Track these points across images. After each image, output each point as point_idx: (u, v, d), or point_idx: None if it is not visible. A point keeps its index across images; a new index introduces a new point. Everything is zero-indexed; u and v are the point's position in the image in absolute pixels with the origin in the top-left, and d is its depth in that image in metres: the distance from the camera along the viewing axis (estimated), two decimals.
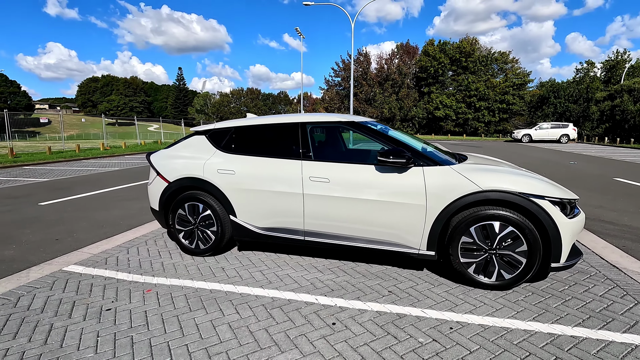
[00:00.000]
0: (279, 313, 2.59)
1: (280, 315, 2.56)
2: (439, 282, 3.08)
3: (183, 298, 2.82)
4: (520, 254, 2.78)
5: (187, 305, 2.72)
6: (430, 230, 2.95)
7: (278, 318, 2.52)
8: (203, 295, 2.86)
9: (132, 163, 14.00)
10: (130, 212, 5.89)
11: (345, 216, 3.17)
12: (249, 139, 3.64)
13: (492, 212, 2.78)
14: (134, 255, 3.77)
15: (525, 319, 2.49)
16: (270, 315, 2.56)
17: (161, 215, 3.83)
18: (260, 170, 3.41)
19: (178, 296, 2.86)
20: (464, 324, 2.43)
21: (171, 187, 3.70)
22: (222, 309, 2.65)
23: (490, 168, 3.04)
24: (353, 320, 2.48)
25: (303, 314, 2.57)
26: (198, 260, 3.63)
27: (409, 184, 2.97)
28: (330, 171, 3.21)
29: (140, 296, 2.87)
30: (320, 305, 2.69)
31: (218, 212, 3.54)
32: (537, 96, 42.53)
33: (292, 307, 2.67)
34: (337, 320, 2.48)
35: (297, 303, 2.73)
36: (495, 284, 2.87)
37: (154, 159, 3.92)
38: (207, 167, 3.57)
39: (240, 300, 2.77)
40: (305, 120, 3.47)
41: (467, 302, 2.73)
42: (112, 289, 3.01)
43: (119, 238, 4.35)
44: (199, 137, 3.81)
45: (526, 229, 2.72)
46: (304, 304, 2.71)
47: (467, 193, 2.81)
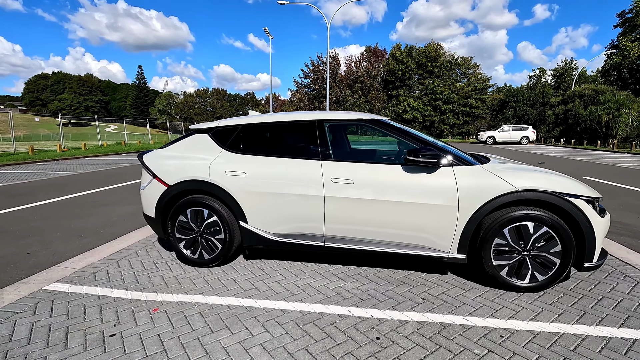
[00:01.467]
0: (314, 329, 2.33)
1: (317, 331, 2.31)
2: (469, 286, 2.96)
3: (199, 317, 2.49)
4: (554, 255, 2.72)
5: (206, 325, 2.39)
6: (462, 232, 2.82)
7: (315, 335, 2.27)
8: (222, 313, 2.55)
9: (97, 165, 12.97)
10: (110, 218, 5.33)
11: (370, 220, 2.98)
12: (260, 138, 3.35)
13: (526, 213, 2.70)
14: (127, 269, 3.34)
15: (570, 321, 2.42)
16: (305, 332, 2.31)
17: (158, 223, 3.43)
18: (275, 172, 3.14)
19: (192, 315, 2.52)
20: (512, 330, 2.31)
21: (171, 192, 3.32)
22: (249, 328, 2.35)
23: (522, 167, 2.98)
24: (397, 333, 2.28)
25: (341, 329, 2.34)
26: (203, 271, 3.28)
27: (440, 185, 2.83)
28: (353, 172, 3.00)
29: (146, 317, 2.50)
30: (355, 318, 2.47)
31: (226, 218, 3.22)
32: (498, 100, 44.88)
33: (326, 322, 2.42)
34: (380, 335, 2.28)
35: (330, 316, 2.49)
36: (529, 286, 2.80)
37: (148, 160, 3.51)
38: (213, 168, 3.24)
39: (265, 317, 2.49)
40: (323, 117, 3.24)
41: (505, 306, 2.63)
42: (111, 309, 2.61)
43: (104, 249, 3.87)
44: (200, 136, 3.46)
45: (560, 228, 2.66)
46: (337, 317, 2.48)
47: (501, 193, 2.71)
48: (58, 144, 18.13)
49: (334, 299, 2.75)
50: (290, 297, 2.79)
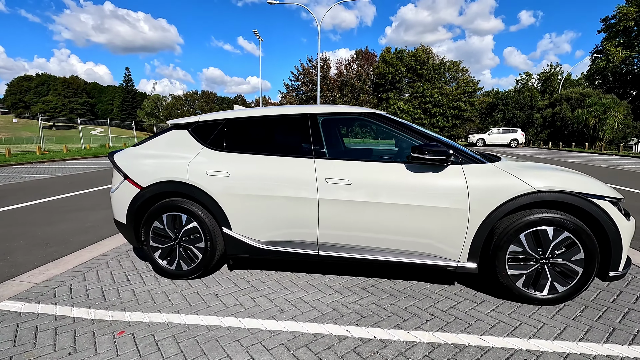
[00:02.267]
0: (308, 355, 1.98)
1: (311, 358, 1.96)
2: (480, 298, 2.65)
3: (172, 341, 2.12)
4: (576, 263, 2.43)
5: (179, 352, 2.02)
6: (473, 238, 2.51)
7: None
8: (199, 336, 2.17)
9: (78, 168, 12.37)
10: (82, 225, 4.88)
11: (370, 225, 2.65)
12: (245, 134, 2.99)
13: (545, 216, 2.40)
14: (94, 282, 2.94)
15: (600, 340, 2.12)
16: (298, 359, 1.95)
17: (130, 230, 3.04)
18: (263, 171, 2.78)
19: (164, 339, 2.14)
20: (537, 352, 2.00)
21: (144, 194, 2.94)
22: (230, 355, 1.98)
23: (540, 166, 2.69)
24: (406, 359, 1.95)
25: (339, 354, 1.99)
26: (181, 285, 2.90)
27: (448, 185, 2.52)
28: (351, 171, 2.67)
29: (109, 342, 2.11)
30: (356, 340, 2.13)
31: (207, 224, 2.85)
32: (487, 103, 45.26)
33: (322, 345, 2.07)
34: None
35: (326, 338, 2.14)
36: (547, 299, 2.50)
37: (119, 159, 3.12)
38: (192, 168, 2.87)
39: (251, 340, 2.13)
40: (316, 111, 2.90)
41: (524, 322, 2.32)
42: (67, 333, 2.21)
43: (70, 259, 3.45)
44: (179, 132, 3.08)
45: (583, 234, 2.37)
46: (335, 339, 2.13)
47: (518, 194, 2.41)
48: (38, 146, 17.38)
49: (330, 316, 2.40)
50: (279, 314, 2.43)
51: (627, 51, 36.02)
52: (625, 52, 35.89)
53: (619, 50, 36.02)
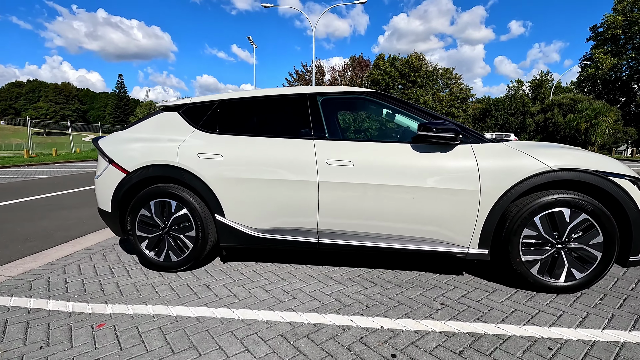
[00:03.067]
0: (309, 346, 1.78)
1: (313, 349, 1.76)
2: (491, 287, 2.48)
3: (157, 333, 1.90)
4: (594, 247, 2.27)
5: (165, 344, 1.80)
6: (485, 222, 2.35)
7: (312, 354, 1.71)
8: (188, 327, 1.96)
9: (66, 171, 12.05)
10: (66, 222, 4.63)
11: (374, 210, 2.47)
12: (240, 115, 2.81)
13: (561, 197, 2.24)
14: (74, 275, 2.71)
15: (626, 328, 1.95)
16: (298, 350, 1.75)
17: (114, 219, 2.82)
18: (258, 153, 2.60)
19: (149, 331, 1.93)
20: (559, 341, 1.82)
21: (131, 179, 2.73)
22: (223, 347, 1.78)
23: (552, 145, 2.54)
24: (418, 348, 1.76)
25: (344, 345, 1.79)
26: (170, 277, 2.68)
27: (457, 166, 2.36)
28: (353, 152, 2.50)
29: (87, 335, 1.89)
30: (362, 330, 1.93)
31: (198, 211, 2.65)
32: (479, 109, 45.67)
33: (324, 336, 1.87)
34: (396, 351, 1.74)
35: (329, 328, 1.95)
36: (564, 286, 2.33)
37: (104, 143, 2.92)
38: (182, 150, 2.68)
39: (246, 331, 1.92)
40: (316, 90, 2.74)
41: (542, 310, 2.14)
42: (41, 326, 1.98)
43: (50, 253, 3.21)
44: (169, 114, 2.90)
45: (602, 215, 2.22)
46: (338, 329, 1.94)
47: (532, 174, 2.26)
48: (25, 149, 16.97)
49: (332, 307, 2.20)
50: (277, 305, 2.23)
51: (615, 59, 36.71)
52: (613, 59, 36.56)
53: (607, 57, 36.69)
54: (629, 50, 36.73)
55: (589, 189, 2.29)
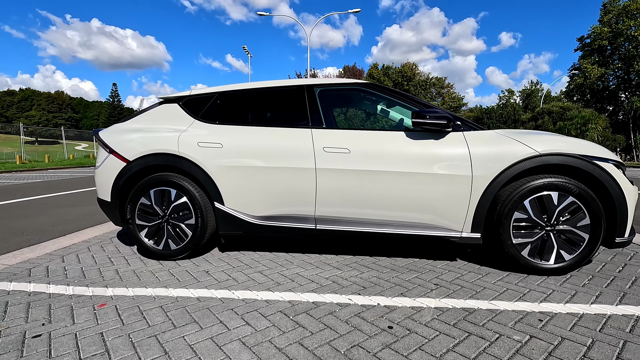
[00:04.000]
0: (308, 320, 1.83)
1: (312, 322, 1.81)
2: (485, 271, 2.55)
3: (159, 311, 1.93)
4: (582, 229, 2.37)
5: (167, 320, 1.84)
6: (477, 206, 2.43)
7: (311, 327, 1.76)
8: (189, 306, 2.00)
9: (60, 176, 11.98)
10: (63, 218, 4.63)
11: (370, 195, 2.54)
12: (240, 106, 2.89)
13: (549, 181, 2.34)
14: (73, 264, 2.72)
15: (613, 302, 2.03)
16: (297, 323, 1.80)
17: (114, 208, 2.86)
18: (257, 142, 2.67)
19: (150, 309, 1.96)
20: (549, 314, 1.89)
21: (131, 168, 2.78)
22: (224, 321, 1.82)
23: (540, 132, 2.65)
24: (413, 322, 1.82)
25: (343, 319, 1.84)
26: (169, 264, 2.71)
27: (450, 152, 2.46)
28: (349, 140, 2.58)
29: (89, 313, 1.92)
30: (359, 307, 1.98)
31: (197, 199, 2.70)
32: (472, 117, 46.38)
33: (323, 312, 1.92)
34: (392, 323, 1.80)
35: (328, 306, 2.00)
36: (554, 268, 2.41)
37: (104, 134, 2.97)
38: (183, 140, 2.74)
39: (246, 308, 1.96)
40: (313, 82, 2.83)
41: (533, 289, 2.22)
42: (42, 307, 2.00)
43: (48, 245, 3.22)
44: (169, 106, 2.96)
45: (589, 198, 2.32)
46: (337, 307, 1.99)
47: (521, 158, 2.36)
48: (18, 155, 16.84)
49: (329, 288, 2.25)
50: (276, 287, 2.27)
51: (603, 68, 37.65)
52: (600, 69, 37.50)
53: (594, 67, 37.63)
54: (615, 61, 37.73)
55: (576, 172, 2.39)
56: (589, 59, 38.90)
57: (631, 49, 35.22)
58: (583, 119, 26.19)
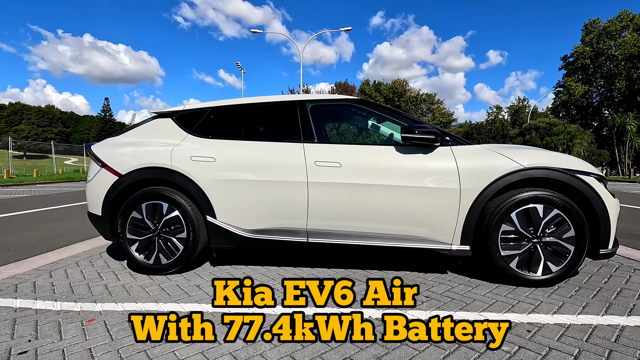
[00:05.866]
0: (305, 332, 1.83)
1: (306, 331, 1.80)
2: (475, 283, 2.58)
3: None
4: (567, 241, 2.43)
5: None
6: (466, 218, 2.48)
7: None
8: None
9: (48, 190, 11.80)
10: (51, 233, 4.56)
11: (361, 208, 2.58)
12: (233, 121, 2.93)
13: (534, 194, 2.41)
14: (61, 279, 2.68)
15: (599, 313, 2.07)
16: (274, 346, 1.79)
17: (105, 222, 2.84)
18: (250, 156, 2.71)
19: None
20: (538, 324, 1.92)
21: (123, 182, 2.78)
22: (217, 335, 1.80)
23: (525, 147, 2.74)
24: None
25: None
26: (159, 279, 2.69)
27: (439, 166, 2.52)
28: (340, 154, 2.63)
29: (77, 329, 1.89)
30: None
31: (189, 213, 2.70)
32: (461, 133, 47.22)
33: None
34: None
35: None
36: (542, 279, 2.45)
37: (97, 148, 2.97)
38: (176, 154, 2.76)
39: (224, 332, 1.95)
40: (305, 98, 2.90)
41: (521, 301, 2.25)
42: (28, 323, 1.97)
43: (35, 260, 3.17)
44: (162, 120, 2.99)
45: (573, 210, 2.39)
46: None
47: (507, 172, 2.43)
48: (5, 170, 16.57)
49: None
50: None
51: (586, 86, 38.91)
52: (584, 86, 38.73)
53: (578, 85, 38.88)
54: (598, 79, 39.03)
55: (560, 186, 2.47)
56: (572, 77, 40.19)
57: (612, 68, 36.55)
58: (569, 135, 26.88)
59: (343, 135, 4.54)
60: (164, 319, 1.79)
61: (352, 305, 2.15)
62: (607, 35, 36.22)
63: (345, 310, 2.10)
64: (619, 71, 35.65)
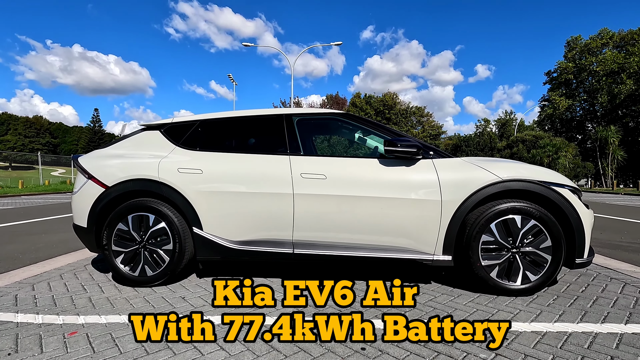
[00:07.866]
0: (283, 345, 1.85)
1: (286, 347, 1.83)
2: (457, 292, 2.63)
3: (131, 338, 1.91)
4: (544, 251, 2.51)
5: (140, 347, 1.82)
6: (447, 229, 2.55)
7: (285, 350, 1.78)
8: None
9: (33, 202, 11.59)
10: (34, 245, 4.49)
11: (345, 220, 2.63)
12: (220, 134, 2.98)
13: (512, 205, 2.50)
14: (44, 292, 2.66)
15: (574, 321, 2.14)
16: (273, 347, 1.81)
17: (90, 234, 2.83)
18: (237, 168, 2.75)
19: (123, 336, 1.93)
20: (515, 332, 1.98)
21: (110, 194, 2.78)
22: (198, 347, 1.81)
23: (502, 160, 2.84)
24: (386, 343, 1.86)
25: (317, 342, 1.87)
26: (144, 291, 2.68)
27: (421, 178, 2.60)
28: (325, 166, 2.69)
29: (59, 342, 1.88)
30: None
31: (176, 224, 2.71)
32: (450, 145, 47.98)
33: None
34: (366, 345, 1.84)
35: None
36: (521, 289, 2.52)
37: (84, 160, 2.98)
38: (163, 166, 2.78)
39: (222, 333, 1.96)
40: (292, 112, 2.97)
41: (501, 309, 2.31)
42: (8, 336, 1.95)
43: (18, 273, 3.13)
44: (151, 133, 3.03)
45: (549, 221, 2.48)
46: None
47: (486, 184, 2.51)
48: None
49: (307, 312, 2.28)
50: (254, 312, 2.28)
51: (570, 100, 40.15)
52: (568, 101, 39.97)
53: (562, 99, 40.09)
54: (580, 93, 40.30)
55: (536, 197, 2.56)
56: (557, 91, 41.45)
57: (594, 83, 37.79)
58: (554, 147, 27.57)
59: (334, 147, 4.60)
60: (164, 319, 1.79)
61: (352, 305, 2.19)
62: (588, 52, 37.58)
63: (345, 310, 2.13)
64: (600, 86, 36.88)
